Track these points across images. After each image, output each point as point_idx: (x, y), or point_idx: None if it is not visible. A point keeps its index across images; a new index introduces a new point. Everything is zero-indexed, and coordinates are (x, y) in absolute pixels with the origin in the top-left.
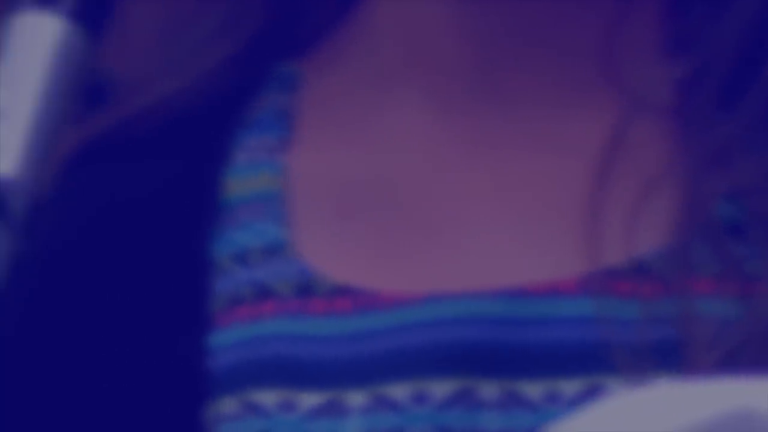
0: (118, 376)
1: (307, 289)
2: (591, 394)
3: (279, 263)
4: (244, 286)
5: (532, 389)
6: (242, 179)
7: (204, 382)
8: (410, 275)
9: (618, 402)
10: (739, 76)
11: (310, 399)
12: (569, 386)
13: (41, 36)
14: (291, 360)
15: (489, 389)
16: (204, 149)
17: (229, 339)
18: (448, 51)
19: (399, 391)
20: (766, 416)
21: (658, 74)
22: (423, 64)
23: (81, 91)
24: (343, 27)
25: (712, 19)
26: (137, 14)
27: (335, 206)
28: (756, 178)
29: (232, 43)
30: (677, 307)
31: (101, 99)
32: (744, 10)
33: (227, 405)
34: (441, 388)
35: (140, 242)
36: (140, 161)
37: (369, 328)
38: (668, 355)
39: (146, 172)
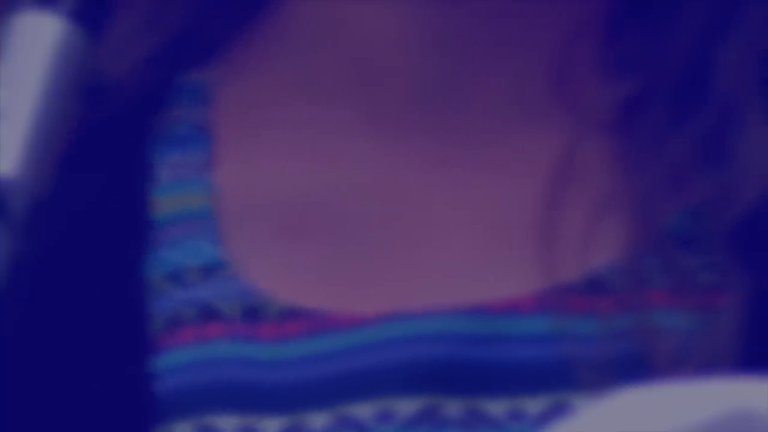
0: (67, 402)
1: (254, 311)
2: (555, 411)
3: (220, 283)
4: (184, 307)
5: (496, 407)
6: (170, 197)
7: (151, 405)
8: (362, 295)
9: (618, 402)
10: (688, 94)
11: (271, 424)
12: (533, 404)
13: (41, 36)
14: (247, 384)
15: (453, 407)
16: (126, 165)
17: (176, 361)
18: (386, 59)
19: (363, 410)
20: (766, 416)
21: (606, 93)
22: (359, 74)
23: (81, 91)
24: (254, 31)
25: (657, 38)
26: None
27: (272, 224)
28: (707, 195)
29: (142, 50)
30: (634, 320)
31: (101, 99)
32: (687, 28)
33: (181, 429)
34: (406, 407)
35: (73, 260)
36: (66, 175)
37: (325, 350)
38: (629, 370)
39: (74, 186)
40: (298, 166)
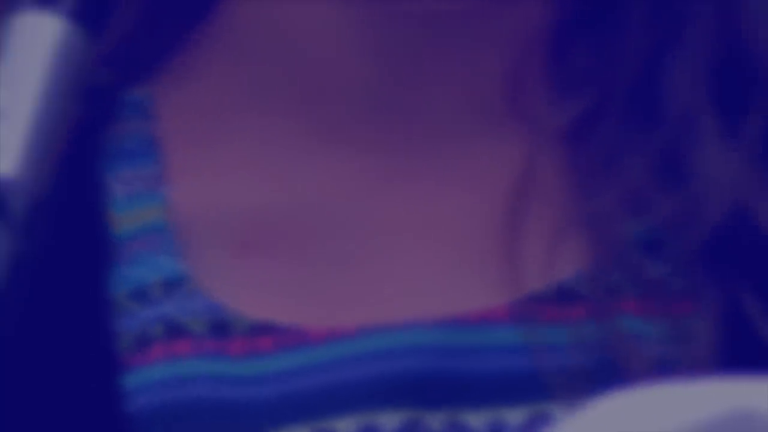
0: (38, 422)
1: (222, 327)
2: (535, 422)
3: (184, 299)
4: (151, 324)
5: (476, 419)
6: (125, 213)
7: (122, 425)
8: (332, 309)
9: (618, 402)
10: (642, 110)
11: None
12: (513, 415)
13: (41, 36)
14: (219, 402)
15: (435, 420)
16: (79, 182)
17: (145, 379)
18: (331, 65)
19: (345, 425)
20: (766, 416)
21: (559, 107)
22: (305, 81)
23: (81, 91)
24: (196, 40)
25: (608, 53)
26: None
27: (230, 238)
28: (669, 212)
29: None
30: (604, 329)
31: (100, 99)
32: (638, 43)
33: None
34: (389, 421)
35: (36, 282)
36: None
37: (301, 365)
38: (603, 378)
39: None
40: (251, 178)
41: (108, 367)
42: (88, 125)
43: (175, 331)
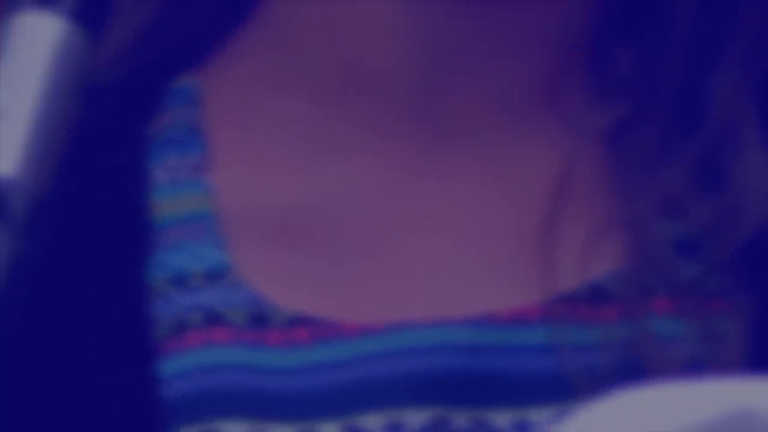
0: (73, 407)
1: (261, 318)
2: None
3: (225, 289)
4: (190, 312)
5: (501, 418)
6: (168, 199)
7: (158, 410)
8: (369, 304)
9: (618, 402)
10: (682, 117)
11: (281, 431)
12: (538, 415)
13: (41, 36)
14: (255, 391)
15: (461, 418)
16: (123, 169)
17: (183, 366)
18: (376, 59)
19: (372, 420)
20: (766, 416)
21: (598, 112)
22: (349, 74)
23: (81, 91)
24: (245, 31)
25: (650, 59)
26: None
27: (275, 232)
28: (706, 219)
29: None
30: (634, 329)
31: (100, 99)
32: (681, 50)
33: None
34: (416, 418)
35: (76, 265)
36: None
37: (333, 359)
38: (631, 379)
39: (74, 190)
40: (294, 169)
41: (144, 352)
42: (134, 113)
43: (213, 319)
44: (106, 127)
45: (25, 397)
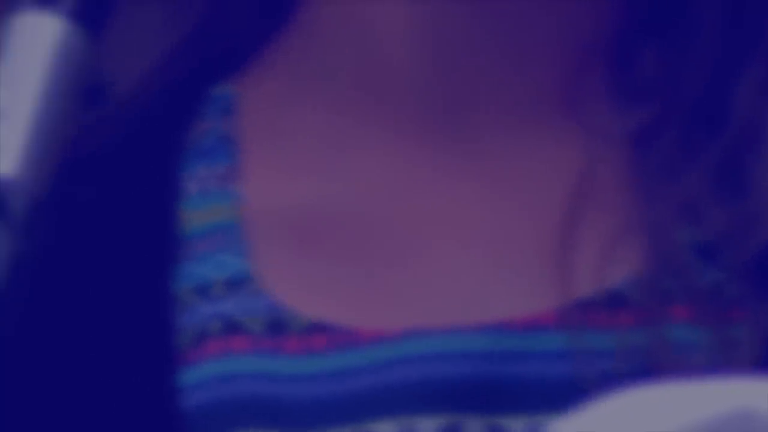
0: (93, 416)
1: (279, 326)
2: None
3: (245, 297)
4: (210, 321)
5: (516, 425)
6: (196, 210)
7: (178, 420)
8: (385, 310)
9: (618, 402)
10: (703, 122)
11: None
12: (552, 422)
13: (41, 36)
14: (270, 400)
15: (474, 425)
16: (155, 178)
17: (201, 376)
18: (403, 66)
19: (385, 428)
20: (766, 416)
21: (619, 117)
22: (378, 82)
23: (81, 91)
24: (278, 41)
25: (672, 64)
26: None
27: (296, 238)
28: (725, 225)
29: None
30: (650, 336)
31: (101, 99)
32: (703, 56)
33: None
34: (429, 425)
35: (102, 273)
36: (91, 186)
37: (349, 366)
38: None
39: (103, 197)
40: (319, 178)
41: (167, 362)
42: (173, 121)
43: (231, 328)
44: (145, 135)
45: (46, 403)
